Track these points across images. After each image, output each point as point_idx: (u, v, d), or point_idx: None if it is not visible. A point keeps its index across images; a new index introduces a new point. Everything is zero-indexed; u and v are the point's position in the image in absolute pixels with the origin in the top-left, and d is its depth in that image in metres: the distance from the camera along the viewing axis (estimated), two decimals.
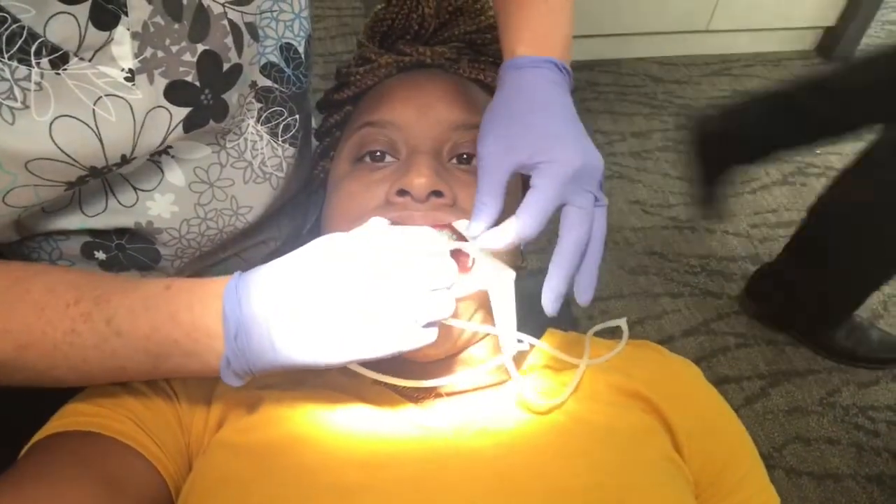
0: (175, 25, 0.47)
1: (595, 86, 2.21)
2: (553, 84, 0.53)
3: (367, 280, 0.42)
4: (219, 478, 0.48)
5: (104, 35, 0.43)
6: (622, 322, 0.57)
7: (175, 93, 0.48)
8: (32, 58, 0.40)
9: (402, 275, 0.43)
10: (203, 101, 0.50)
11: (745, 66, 2.35)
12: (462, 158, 0.59)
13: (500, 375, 0.58)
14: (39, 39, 0.40)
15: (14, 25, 0.39)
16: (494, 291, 0.51)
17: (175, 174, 0.55)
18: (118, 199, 0.53)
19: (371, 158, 0.60)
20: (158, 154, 0.53)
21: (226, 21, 0.50)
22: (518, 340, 0.51)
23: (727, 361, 1.52)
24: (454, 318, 0.51)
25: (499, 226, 0.48)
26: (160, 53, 0.46)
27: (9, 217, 0.47)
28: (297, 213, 0.74)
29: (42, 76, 0.41)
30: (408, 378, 0.51)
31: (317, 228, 0.76)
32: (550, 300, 0.48)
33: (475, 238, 0.49)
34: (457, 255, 0.51)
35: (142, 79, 0.46)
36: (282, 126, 0.60)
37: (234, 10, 0.50)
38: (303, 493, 0.46)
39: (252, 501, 0.46)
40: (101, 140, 0.45)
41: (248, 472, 0.48)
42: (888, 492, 1.32)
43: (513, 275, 0.51)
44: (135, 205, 0.54)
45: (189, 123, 0.50)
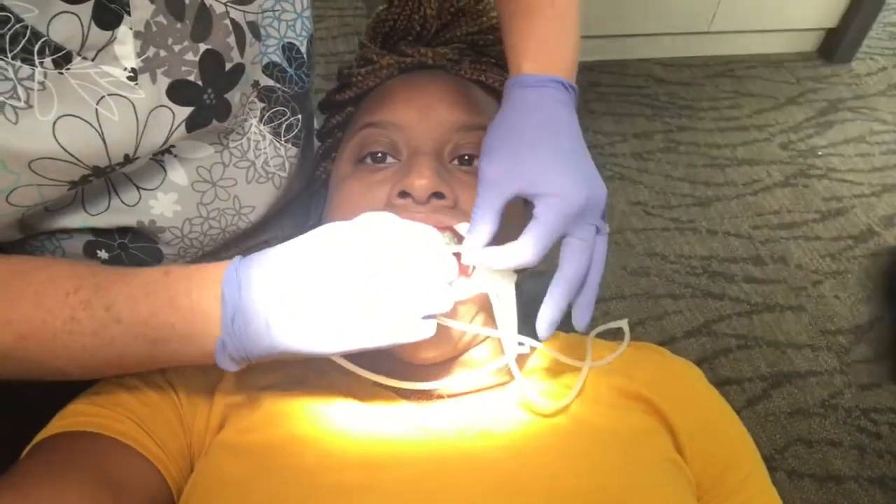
0: (177, 25, 0.47)
1: (597, 86, 2.21)
2: (560, 104, 0.52)
3: (367, 270, 0.42)
4: (220, 478, 0.48)
5: (107, 34, 0.43)
6: (623, 323, 0.57)
7: (177, 92, 0.48)
8: (36, 57, 0.40)
9: (401, 267, 0.43)
10: (206, 101, 0.50)
11: (747, 68, 2.35)
12: (464, 160, 0.59)
13: (502, 377, 0.57)
14: (42, 39, 0.40)
15: (17, 25, 0.39)
16: (495, 294, 0.51)
17: (178, 173, 0.55)
18: (121, 198, 0.53)
19: (372, 159, 0.60)
20: (161, 153, 0.53)
21: (228, 20, 0.50)
22: (519, 343, 0.51)
23: (729, 363, 1.51)
24: (455, 321, 0.51)
25: (500, 247, 0.48)
26: (163, 53, 0.46)
27: (12, 216, 0.47)
28: (300, 214, 0.74)
29: (45, 76, 0.41)
30: (409, 380, 0.51)
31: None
32: (545, 327, 0.49)
33: (470, 253, 0.49)
34: (458, 257, 0.51)
35: (144, 78, 0.46)
36: (284, 126, 0.60)
37: (236, 10, 0.50)
38: (304, 494, 0.46)
39: (253, 502, 0.46)
40: (104, 139, 0.45)
41: (250, 473, 0.48)
42: (890, 494, 1.31)
43: (514, 277, 0.51)
44: (137, 203, 0.54)
45: (192, 123, 0.50)
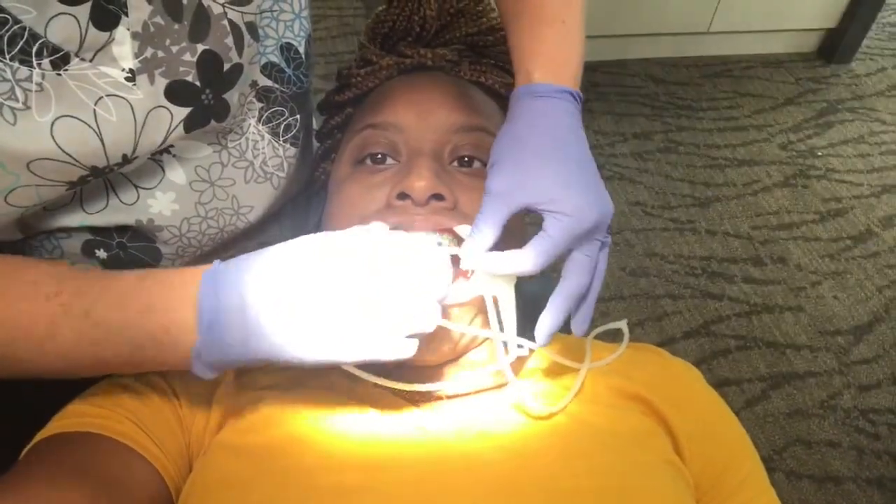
0: (175, 25, 0.47)
1: (596, 87, 2.21)
2: (570, 116, 0.52)
3: (351, 283, 0.41)
4: (219, 478, 0.48)
5: (105, 35, 0.43)
6: (622, 324, 0.57)
7: (176, 93, 0.48)
8: (34, 59, 0.40)
9: (385, 281, 0.42)
10: (204, 101, 0.50)
11: (746, 68, 2.35)
12: (463, 161, 0.59)
13: (501, 378, 0.57)
14: (40, 40, 0.40)
15: (15, 27, 0.39)
16: (494, 296, 0.51)
17: (176, 173, 0.55)
18: (119, 197, 0.53)
19: (372, 161, 0.60)
20: (160, 153, 0.53)
21: (226, 21, 0.50)
22: (518, 346, 0.51)
23: (728, 364, 1.52)
24: (454, 322, 0.51)
25: (502, 253, 0.48)
26: (160, 53, 0.46)
27: (11, 216, 0.47)
28: (299, 214, 0.74)
29: (43, 77, 0.41)
30: (409, 382, 0.51)
31: (318, 230, 0.76)
32: (544, 335, 0.49)
33: (470, 257, 0.49)
34: (457, 259, 0.51)
35: (142, 79, 0.46)
36: (283, 126, 0.60)
37: (234, 10, 0.50)
38: (303, 495, 0.46)
39: (252, 502, 0.46)
40: (102, 140, 0.45)
41: (249, 473, 0.48)
42: (889, 495, 1.32)
43: (513, 280, 0.51)
44: (136, 202, 0.54)
45: (190, 123, 0.50)
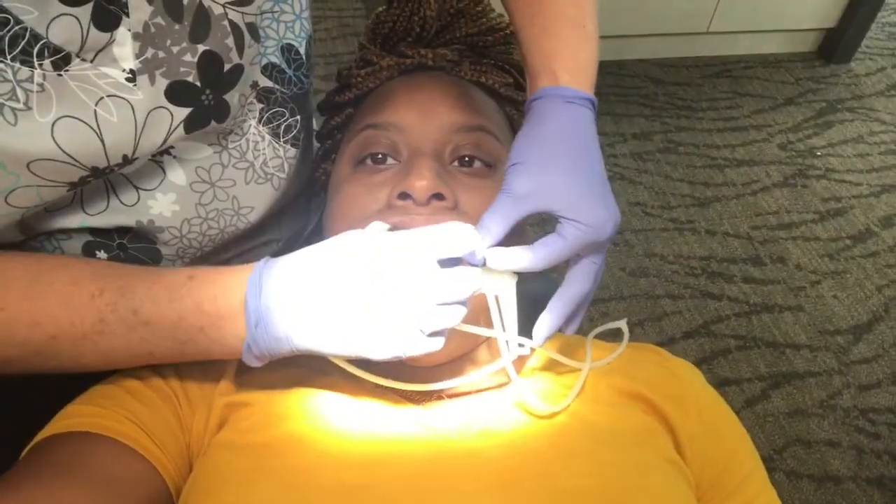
0: (176, 26, 0.47)
1: (595, 87, 2.21)
2: (592, 125, 0.52)
3: (371, 275, 0.43)
4: (220, 478, 0.48)
5: (106, 36, 0.43)
6: (622, 324, 0.57)
7: (176, 93, 0.48)
8: (35, 59, 0.40)
9: (408, 281, 0.43)
10: (204, 102, 0.50)
11: (746, 68, 2.35)
12: (464, 161, 0.59)
13: (503, 377, 0.57)
14: (42, 41, 0.40)
15: (17, 27, 0.39)
16: (496, 295, 0.51)
17: (177, 174, 0.55)
18: (119, 199, 0.53)
19: (372, 161, 0.59)
20: (160, 154, 0.53)
21: (226, 21, 0.50)
22: (519, 345, 0.51)
23: (728, 363, 1.52)
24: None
25: (509, 248, 0.48)
26: (161, 54, 0.46)
27: (12, 217, 0.47)
28: (299, 215, 0.74)
29: (44, 77, 0.41)
30: (410, 381, 0.51)
31: (318, 230, 0.76)
32: (541, 336, 0.50)
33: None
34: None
35: (143, 79, 0.46)
36: (283, 127, 0.60)
37: (235, 11, 0.50)
38: (304, 494, 0.46)
39: (253, 501, 0.46)
40: (103, 140, 0.45)
41: (249, 473, 0.48)
42: (889, 494, 1.32)
43: (515, 279, 0.51)
44: (136, 204, 0.54)
45: (190, 124, 0.50)
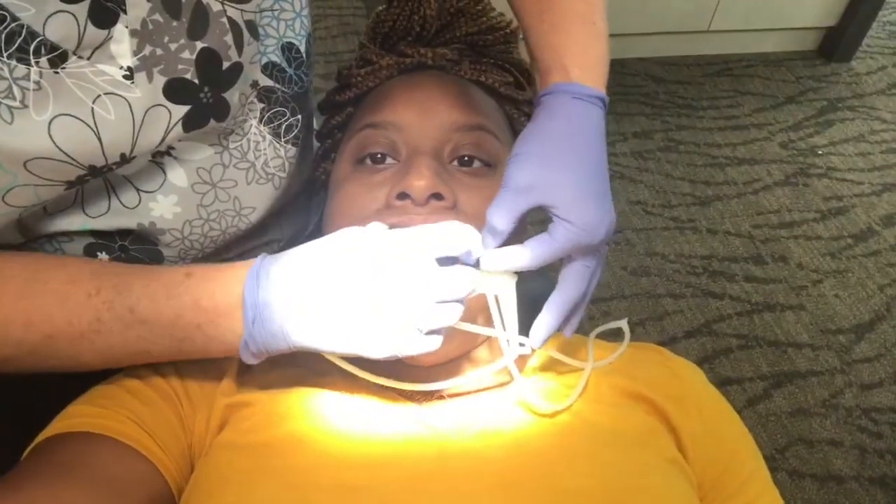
0: (174, 23, 0.46)
1: None
2: (601, 125, 0.51)
3: (372, 271, 0.43)
4: (221, 478, 0.48)
5: (103, 33, 0.43)
6: (623, 323, 0.57)
7: (174, 91, 0.48)
8: (31, 57, 0.40)
9: (407, 278, 0.43)
10: (202, 100, 0.50)
11: (747, 67, 2.35)
12: (463, 160, 0.59)
13: (503, 377, 0.57)
14: (38, 38, 0.40)
15: (13, 24, 0.39)
16: (496, 294, 0.51)
17: (177, 175, 0.54)
18: (121, 201, 0.53)
19: (372, 160, 0.59)
20: (161, 155, 0.53)
21: (225, 19, 0.50)
22: (520, 344, 0.51)
23: (729, 363, 1.51)
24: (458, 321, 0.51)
25: (501, 249, 0.48)
26: (159, 51, 0.46)
27: (10, 217, 0.47)
28: (300, 214, 0.73)
29: (41, 75, 0.41)
30: (410, 380, 0.51)
31: (319, 230, 0.76)
32: (539, 339, 0.50)
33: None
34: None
35: (141, 77, 0.46)
36: (284, 126, 0.60)
37: (234, 8, 0.50)
38: (305, 494, 0.46)
39: (254, 501, 0.46)
40: (100, 138, 0.45)
41: (250, 473, 0.48)
42: (891, 494, 1.31)
43: (515, 278, 0.51)
44: (137, 206, 0.54)
45: (189, 122, 0.50)
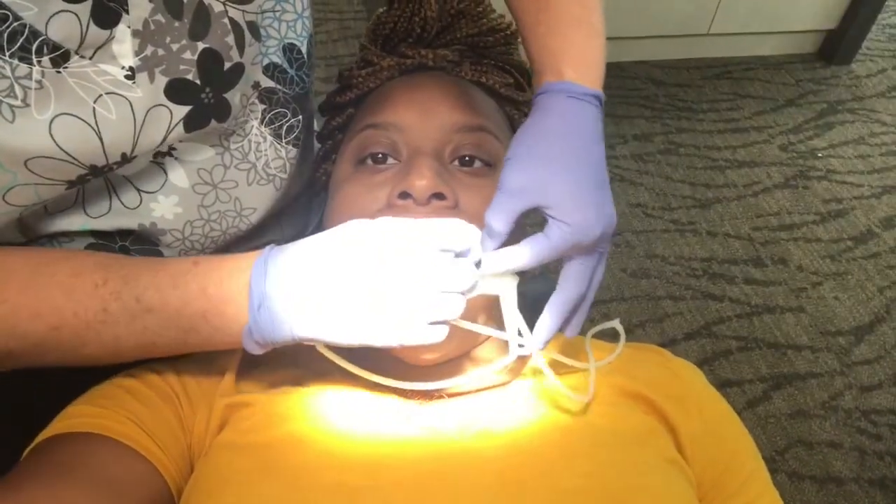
0: (175, 23, 0.46)
1: None
2: (597, 122, 0.51)
3: (375, 263, 0.43)
4: (221, 479, 0.48)
5: (105, 33, 0.43)
6: (616, 323, 0.57)
7: (175, 91, 0.48)
8: (33, 56, 0.40)
9: (410, 270, 0.43)
10: (204, 100, 0.50)
11: (746, 70, 2.35)
12: (464, 161, 0.59)
13: (504, 376, 0.57)
14: (41, 37, 0.40)
15: (15, 23, 0.39)
16: (497, 294, 0.51)
17: (178, 176, 0.55)
18: (122, 201, 0.53)
19: (373, 161, 0.59)
20: (162, 156, 0.53)
21: (226, 19, 0.50)
22: (519, 345, 0.51)
23: (729, 365, 1.51)
24: (458, 319, 0.51)
25: (499, 250, 0.48)
26: (161, 51, 0.46)
27: (10, 216, 0.47)
28: (300, 215, 0.73)
29: (43, 74, 0.41)
30: (410, 380, 0.51)
31: (319, 231, 0.76)
32: (541, 340, 0.50)
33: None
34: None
35: (142, 77, 0.46)
36: (285, 127, 0.60)
37: (235, 9, 0.50)
38: (305, 494, 0.46)
39: (254, 502, 0.46)
40: (101, 138, 0.45)
41: (250, 473, 0.48)
42: (891, 496, 1.31)
43: (516, 279, 0.51)
44: (138, 206, 0.54)
45: (190, 122, 0.50)
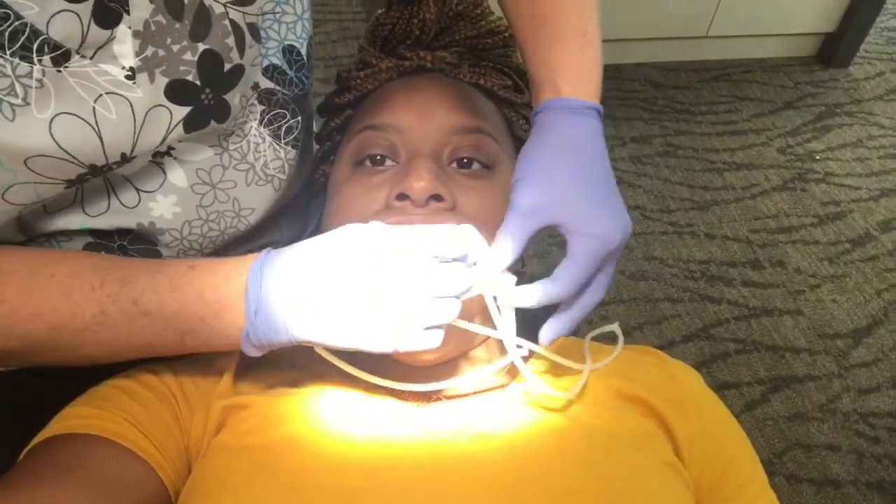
0: (176, 24, 0.47)
1: None
2: (598, 134, 0.52)
3: (373, 266, 0.43)
4: (218, 480, 0.48)
5: (106, 33, 0.43)
6: (615, 327, 0.57)
7: (175, 92, 0.48)
8: (34, 55, 0.40)
9: (408, 271, 0.43)
10: (204, 101, 0.50)
11: (745, 72, 2.35)
12: (462, 163, 0.59)
13: (501, 379, 0.57)
14: (42, 37, 0.40)
15: (17, 22, 0.39)
16: (495, 296, 0.51)
17: (177, 175, 0.55)
18: (120, 200, 0.53)
19: (371, 162, 0.60)
20: (161, 155, 0.53)
21: (227, 21, 0.50)
22: (518, 346, 0.51)
23: (727, 367, 1.51)
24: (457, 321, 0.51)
25: (532, 286, 0.48)
26: (161, 52, 0.46)
27: (9, 214, 0.47)
28: (299, 216, 0.74)
29: (43, 73, 0.41)
30: (407, 381, 0.51)
31: (318, 232, 0.76)
32: (548, 339, 0.51)
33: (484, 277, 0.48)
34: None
35: (143, 77, 0.46)
36: (284, 128, 0.60)
37: (236, 11, 0.50)
38: (302, 496, 0.46)
39: (251, 503, 0.46)
40: (101, 138, 0.45)
41: (248, 475, 0.48)
42: (889, 499, 1.31)
43: (514, 280, 0.51)
44: (137, 206, 0.54)
45: (190, 123, 0.50)
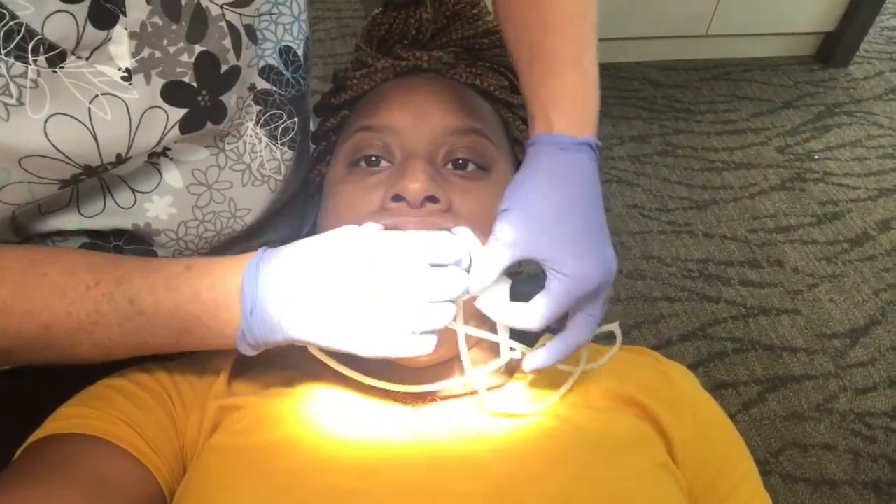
0: (173, 26, 0.47)
1: None
2: (589, 173, 0.51)
3: (367, 266, 0.44)
4: (213, 481, 0.48)
5: (102, 34, 0.43)
6: (615, 326, 0.57)
7: (172, 93, 0.48)
8: (29, 55, 0.40)
9: (402, 271, 0.44)
10: (200, 103, 0.50)
11: (744, 71, 2.35)
12: (458, 164, 0.59)
13: (496, 379, 0.58)
14: (37, 37, 0.40)
15: (12, 22, 0.39)
16: (489, 297, 0.51)
17: (173, 176, 0.55)
18: (116, 201, 0.53)
19: (366, 163, 0.59)
20: (157, 156, 0.53)
21: (224, 23, 0.50)
22: (511, 348, 0.51)
23: (724, 367, 1.52)
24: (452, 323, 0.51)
25: (508, 305, 0.49)
26: (157, 54, 0.46)
27: (4, 214, 0.47)
28: (295, 216, 0.74)
29: (38, 74, 0.41)
30: (401, 382, 0.51)
31: (314, 232, 0.76)
32: (530, 366, 0.50)
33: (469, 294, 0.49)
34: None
35: (139, 78, 0.46)
36: (280, 129, 0.60)
37: (233, 12, 0.50)
38: (297, 497, 0.46)
39: None
40: (97, 138, 0.45)
41: (242, 476, 0.48)
42: (885, 498, 1.32)
43: (508, 282, 0.51)
44: (133, 206, 0.54)
45: (186, 124, 0.50)
